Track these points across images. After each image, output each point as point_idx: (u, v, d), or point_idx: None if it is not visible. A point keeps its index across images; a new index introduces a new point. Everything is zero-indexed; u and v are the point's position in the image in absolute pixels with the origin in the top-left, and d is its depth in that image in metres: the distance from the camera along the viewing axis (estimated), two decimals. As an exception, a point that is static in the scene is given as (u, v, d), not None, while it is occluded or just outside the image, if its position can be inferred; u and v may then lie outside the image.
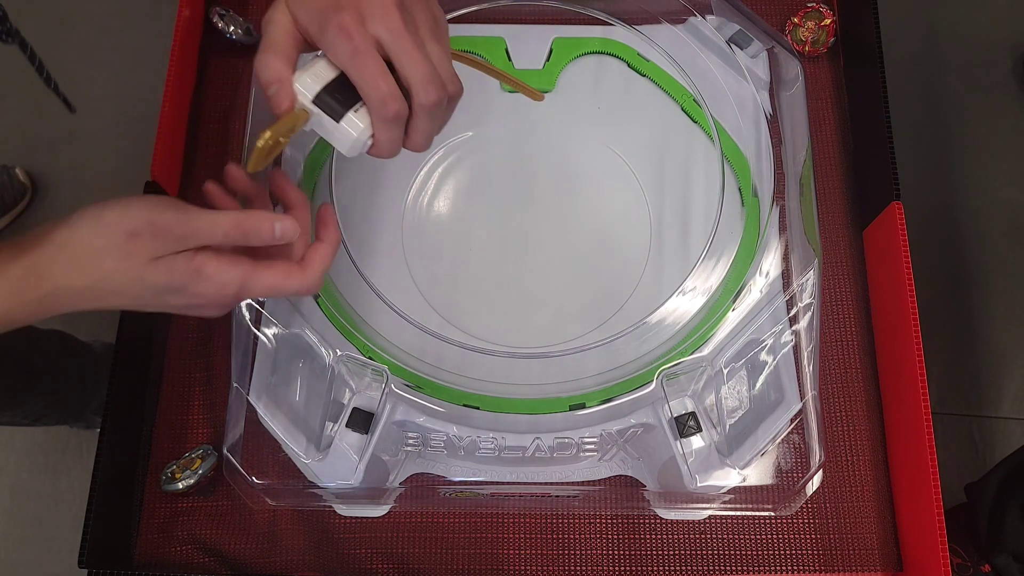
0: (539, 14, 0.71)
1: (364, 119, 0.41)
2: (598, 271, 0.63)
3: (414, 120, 0.42)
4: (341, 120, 0.41)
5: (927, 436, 0.59)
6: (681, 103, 0.67)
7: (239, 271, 0.41)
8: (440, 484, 0.62)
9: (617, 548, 0.63)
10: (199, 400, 0.67)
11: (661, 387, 0.56)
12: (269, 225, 0.42)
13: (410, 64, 0.39)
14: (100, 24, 1.46)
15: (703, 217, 0.63)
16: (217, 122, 0.75)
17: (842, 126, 0.75)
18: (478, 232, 0.64)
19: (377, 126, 0.41)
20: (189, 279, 0.40)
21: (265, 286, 0.42)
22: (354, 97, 0.41)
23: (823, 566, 0.63)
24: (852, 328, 0.69)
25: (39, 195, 1.36)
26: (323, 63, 0.41)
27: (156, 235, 0.39)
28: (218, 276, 0.41)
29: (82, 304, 0.40)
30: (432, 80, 0.40)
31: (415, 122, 0.42)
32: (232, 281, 0.41)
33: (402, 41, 0.39)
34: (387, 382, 0.56)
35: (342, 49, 0.39)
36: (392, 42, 0.39)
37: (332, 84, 0.41)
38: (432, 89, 0.40)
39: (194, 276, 0.40)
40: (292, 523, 0.63)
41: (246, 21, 0.76)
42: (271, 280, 0.42)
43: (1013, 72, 1.40)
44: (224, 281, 0.41)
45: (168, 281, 0.40)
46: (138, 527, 0.64)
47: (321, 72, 0.41)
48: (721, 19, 0.68)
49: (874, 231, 0.69)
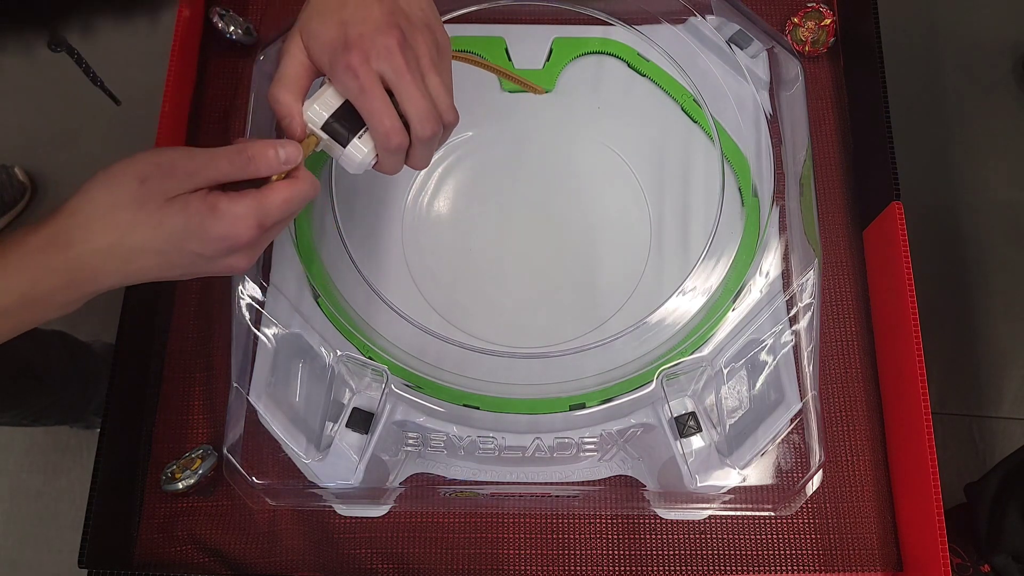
0: (539, 14, 0.71)
1: (368, 143, 0.46)
2: (598, 271, 0.63)
3: (413, 149, 0.46)
4: (347, 145, 0.46)
5: (927, 436, 0.59)
6: (681, 103, 0.67)
7: (249, 199, 0.42)
8: (440, 484, 0.62)
9: (617, 548, 0.63)
10: (199, 400, 0.67)
11: (661, 387, 0.56)
12: (273, 150, 0.43)
13: (409, 101, 0.44)
14: (100, 24, 1.46)
15: (703, 217, 0.63)
16: (217, 122, 0.75)
17: (842, 126, 0.75)
18: (478, 232, 0.64)
19: (380, 154, 0.46)
20: (205, 216, 0.40)
21: (280, 201, 0.43)
22: (359, 123, 0.45)
23: (823, 566, 0.63)
24: (852, 328, 0.69)
25: (39, 195, 1.36)
26: (331, 91, 0.45)
27: (165, 174, 0.40)
28: (231, 208, 0.41)
29: (110, 270, 0.40)
30: (429, 116, 0.44)
31: (414, 150, 0.47)
32: (246, 212, 0.41)
33: (402, 80, 0.43)
34: (387, 382, 0.56)
35: (350, 86, 0.43)
36: (394, 80, 0.43)
37: (339, 111, 0.45)
38: (428, 125, 0.44)
39: (209, 213, 0.40)
40: (292, 523, 0.63)
41: (246, 21, 0.76)
42: (282, 194, 0.43)
43: (1013, 72, 1.40)
44: (238, 213, 0.41)
45: (184, 221, 0.40)
46: (138, 527, 0.64)
47: (329, 100, 0.45)
48: (721, 19, 0.68)
49: (874, 231, 0.69)
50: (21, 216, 1.34)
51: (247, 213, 0.41)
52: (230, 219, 0.41)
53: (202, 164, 0.41)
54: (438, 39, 0.46)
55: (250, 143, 0.43)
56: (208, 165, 0.41)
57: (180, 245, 0.41)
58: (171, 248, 0.40)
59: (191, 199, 0.40)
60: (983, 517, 0.93)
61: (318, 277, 0.60)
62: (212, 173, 0.41)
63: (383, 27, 0.43)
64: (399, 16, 0.44)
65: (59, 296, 0.40)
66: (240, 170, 0.42)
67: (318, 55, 0.44)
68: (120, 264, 0.40)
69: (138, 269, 0.41)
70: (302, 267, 0.60)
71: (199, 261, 0.42)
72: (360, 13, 0.43)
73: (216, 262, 0.43)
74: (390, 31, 0.43)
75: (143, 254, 0.40)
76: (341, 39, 0.43)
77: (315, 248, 0.61)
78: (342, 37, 0.43)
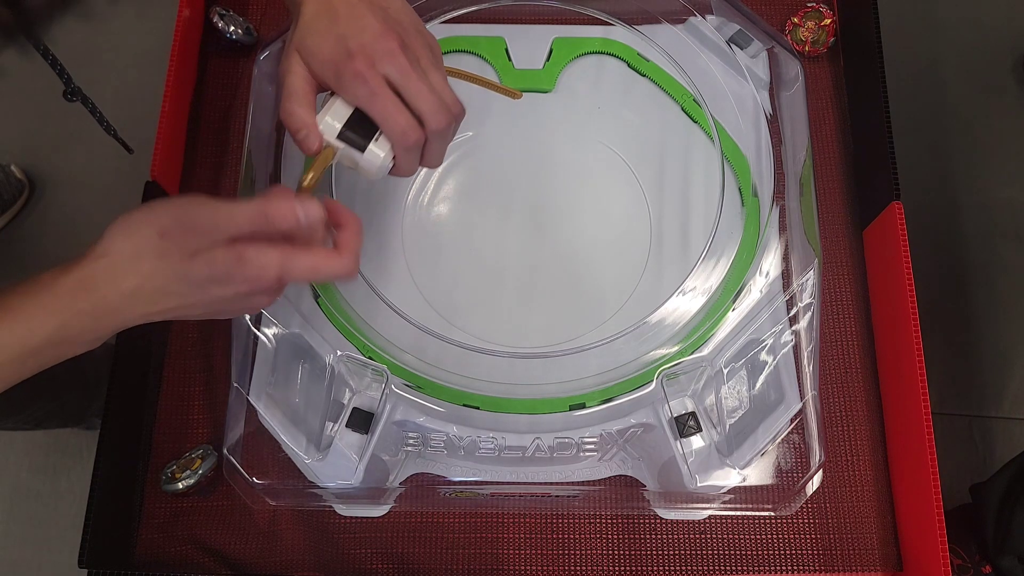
0: (539, 14, 0.71)
1: (384, 147, 0.47)
2: (598, 271, 0.63)
3: (428, 144, 0.48)
4: (365, 151, 0.46)
5: (927, 436, 0.59)
6: (681, 103, 0.67)
7: (278, 251, 0.42)
8: (440, 484, 0.62)
9: (617, 548, 0.63)
10: (199, 400, 0.67)
11: (661, 387, 0.56)
12: (291, 207, 0.43)
13: (419, 97, 0.45)
14: (100, 24, 1.46)
15: (703, 217, 0.63)
16: (217, 122, 0.75)
17: (842, 126, 0.75)
18: (478, 232, 0.64)
19: (399, 153, 0.47)
20: (231, 265, 0.41)
21: (305, 267, 0.43)
22: (371, 128, 0.46)
23: (823, 566, 0.63)
24: (852, 328, 0.69)
25: (39, 194, 1.36)
26: (339, 102, 0.46)
27: (186, 230, 0.40)
28: (258, 258, 0.42)
29: (134, 311, 0.41)
30: (440, 109, 0.46)
31: (429, 146, 0.48)
32: (272, 262, 0.42)
33: (409, 79, 0.45)
34: (387, 382, 0.56)
35: (360, 92, 0.45)
36: (401, 80, 0.45)
37: (349, 121, 0.46)
38: (441, 117, 0.46)
39: (236, 261, 0.41)
40: (292, 523, 0.63)
41: (246, 21, 0.76)
42: (310, 261, 0.43)
43: (1013, 72, 1.40)
44: (264, 263, 0.42)
45: (210, 272, 0.41)
46: (138, 527, 0.64)
47: (339, 111, 0.46)
48: (721, 19, 0.68)
49: (874, 231, 0.69)
50: (20, 215, 1.34)
51: (272, 263, 0.42)
52: (257, 266, 0.42)
53: (222, 219, 0.41)
54: (430, 42, 0.48)
55: (269, 201, 0.42)
56: (227, 221, 0.41)
57: (204, 290, 0.41)
58: (195, 293, 0.41)
59: (216, 251, 0.41)
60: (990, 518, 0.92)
61: (318, 277, 0.60)
62: (232, 230, 0.42)
63: (381, 34, 0.44)
64: (392, 23, 0.45)
65: (86, 335, 0.41)
66: (260, 227, 0.42)
67: (320, 70, 0.45)
68: (145, 306, 0.41)
69: (162, 310, 0.42)
70: (302, 267, 0.60)
71: (218, 303, 0.43)
72: (356, 25, 0.44)
73: (236, 303, 0.44)
74: (389, 36, 0.44)
75: (167, 296, 0.41)
76: (343, 51, 0.44)
77: (315, 248, 0.61)
78: (343, 49, 0.44)
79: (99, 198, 1.36)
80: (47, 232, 1.35)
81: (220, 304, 0.43)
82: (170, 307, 0.42)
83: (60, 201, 1.36)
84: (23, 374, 0.41)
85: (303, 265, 0.43)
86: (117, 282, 0.40)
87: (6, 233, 1.34)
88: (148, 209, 0.41)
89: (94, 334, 0.41)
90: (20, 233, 1.35)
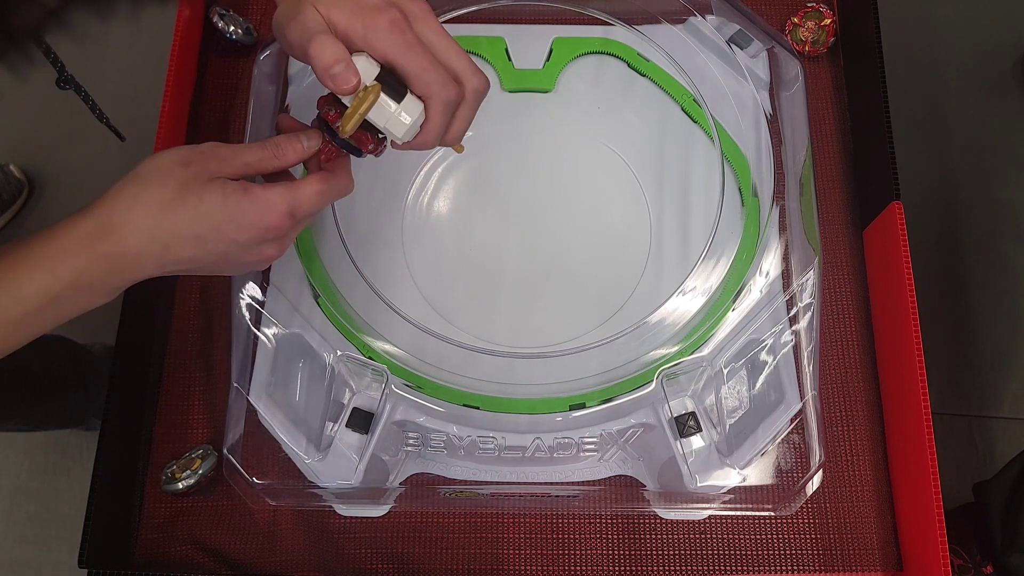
0: (539, 14, 0.71)
1: (419, 104, 0.43)
2: (598, 271, 0.63)
3: (463, 106, 0.45)
4: (403, 100, 0.42)
5: (927, 436, 0.59)
6: (681, 103, 0.67)
7: (282, 186, 0.44)
8: (440, 484, 0.62)
9: (617, 548, 0.63)
10: (199, 400, 0.67)
11: (661, 387, 0.56)
12: (296, 140, 0.45)
13: (457, 56, 0.44)
14: (100, 23, 1.46)
15: (703, 217, 0.63)
16: (217, 122, 0.75)
17: (842, 126, 0.75)
18: (478, 232, 0.64)
19: (435, 110, 0.43)
20: (240, 198, 0.42)
21: (311, 193, 0.44)
22: (400, 89, 0.42)
23: (823, 566, 0.63)
24: (852, 328, 0.69)
25: (39, 194, 1.36)
26: (365, 56, 0.42)
27: (207, 158, 0.42)
28: (265, 193, 0.43)
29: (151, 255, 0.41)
30: (476, 70, 0.45)
31: (463, 108, 0.45)
32: (280, 198, 0.43)
33: (444, 38, 0.44)
34: (387, 382, 0.56)
35: (395, 42, 0.41)
36: (437, 40, 0.43)
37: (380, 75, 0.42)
38: (479, 78, 0.45)
39: (244, 195, 0.42)
40: (292, 523, 0.63)
41: (246, 21, 0.76)
42: (314, 187, 0.44)
43: (1013, 72, 1.40)
44: (272, 199, 0.43)
45: (222, 201, 0.41)
46: (138, 527, 0.64)
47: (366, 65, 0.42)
48: (721, 19, 0.68)
49: (874, 231, 0.69)
50: (20, 214, 1.34)
51: (279, 199, 0.43)
52: (263, 203, 0.43)
53: (235, 151, 0.43)
54: None
55: (276, 137, 0.45)
56: (244, 151, 0.44)
57: (216, 229, 0.42)
58: (208, 232, 0.42)
59: (228, 183, 0.42)
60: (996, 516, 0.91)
61: (318, 277, 0.60)
62: (248, 157, 0.44)
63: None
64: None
65: (105, 282, 0.41)
66: (271, 156, 0.44)
67: (346, 21, 0.41)
68: (160, 249, 0.41)
69: (176, 257, 0.42)
70: (302, 267, 0.60)
71: (233, 249, 0.43)
72: None
73: (250, 250, 0.44)
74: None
75: (181, 239, 0.41)
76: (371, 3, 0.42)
77: (315, 248, 0.61)
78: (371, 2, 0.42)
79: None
80: (47, 232, 1.35)
81: (233, 251, 0.43)
82: (185, 254, 0.42)
83: (60, 201, 1.36)
84: (43, 326, 0.41)
85: (309, 190, 0.44)
86: (137, 222, 0.40)
87: (6, 233, 1.34)
88: (171, 149, 0.42)
89: (112, 281, 0.41)
90: (20, 233, 1.34)
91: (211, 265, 0.44)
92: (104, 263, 0.40)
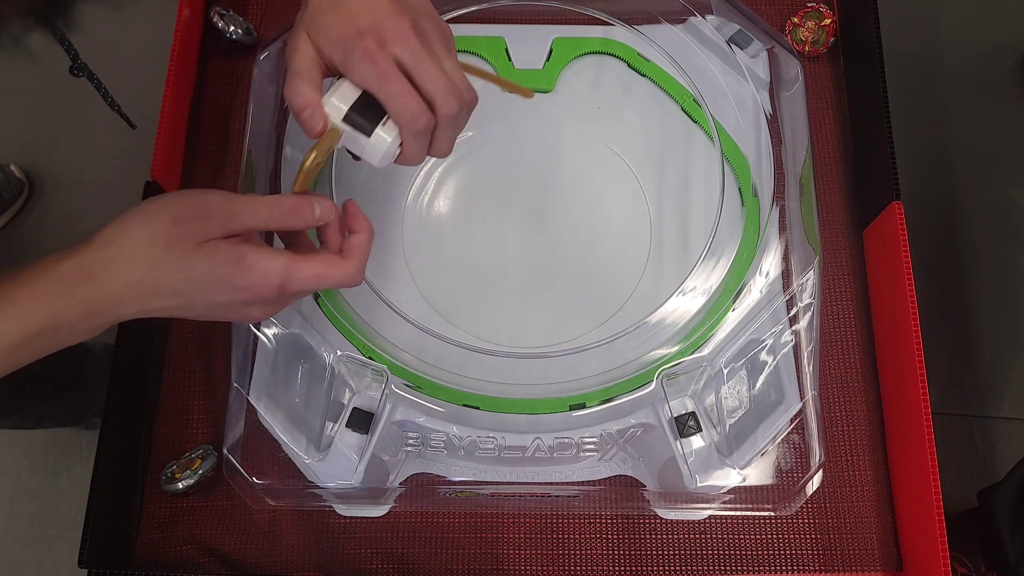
0: (539, 14, 0.71)
1: (392, 131, 0.45)
2: (598, 271, 0.63)
3: (438, 130, 0.45)
4: (372, 135, 0.44)
5: (927, 436, 0.59)
6: (681, 103, 0.67)
7: (281, 260, 0.42)
8: (440, 484, 0.62)
9: (617, 548, 0.63)
10: (199, 400, 0.67)
11: (661, 387, 0.56)
12: (308, 204, 0.44)
13: (431, 80, 0.43)
14: (100, 23, 1.46)
15: (703, 217, 0.63)
16: (217, 122, 0.75)
17: (842, 126, 0.75)
18: (478, 232, 0.64)
19: (407, 138, 0.45)
20: (232, 266, 0.41)
21: (309, 276, 0.43)
22: (379, 113, 0.44)
23: (823, 566, 0.63)
24: (852, 328, 0.69)
25: (38, 194, 1.36)
26: (346, 85, 0.44)
27: (201, 217, 0.40)
28: (260, 264, 0.41)
29: (131, 303, 0.40)
30: (452, 92, 0.44)
31: (439, 132, 0.46)
32: (274, 270, 0.42)
33: (421, 61, 0.43)
34: (387, 382, 0.56)
35: (369, 72, 0.43)
36: (412, 62, 0.43)
37: (357, 103, 0.44)
38: (453, 101, 0.44)
39: (237, 263, 0.41)
40: (292, 523, 0.63)
41: (246, 21, 0.76)
42: (314, 269, 0.43)
43: (1013, 72, 1.40)
44: (266, 270, 0.42)
45: (210, 268, 0.40)
46: (138, 527, 0.64)
47: (346, 93, 0.44)
48: (721, 19, 0.68)
49: (874, 231, 0.69)
50: (20, 214, 1.34)
51: (274, 271, 0.42)
52: (256, 274, 0.41)
53: (237, 211, 0.41)
54: (443, 28, 0.46)
55: (287, 197, 0.43)
56: (245, 212, 0.42)
57: (201, 290, 0.41)
58: (191, 291, 0.41)
59: (220, 246, 0.41)
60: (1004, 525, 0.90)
61: (318, 277, 0.60)
62: (249, 221, 0.42)
63: (393, 13, 0.43)
64: (405, 5, 0.44)
65: (83, 323, 0.40)
66: (277, 222, 0.43)
67: (329, 49, 0.44)
68: (141, 300, 0.40)
69: (157, 307, 0.41)
70: (302, 267, 0.60)
71: (215, 307, 0.43)
72: (367, 4, 0.43)
73: (233, 310, 0.43)
74: (401, 16, 0.43)
75: (164, 294, 0.41)
76: (353, 29, 0.43)
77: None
78: (353, 27, 0.43)
79: (99, 198, 1.36)
80: (47, 232, 1.35)
81: (215, 309, 0.43)
82: (166, 305, 0.41)
83: (60, 201, 1.36)
84: (21, 361, 0.41)
85: (306, 273, 0.43)
86: (120, 272, 0.39)
87: (6, 233, 1.34)
88: (169, 197, 0.41)
89: (91, 323, 0.41)
90: (20, 233, 1.35)
91: (191, 316, 0.43)
92: (83, 307, 0.40)
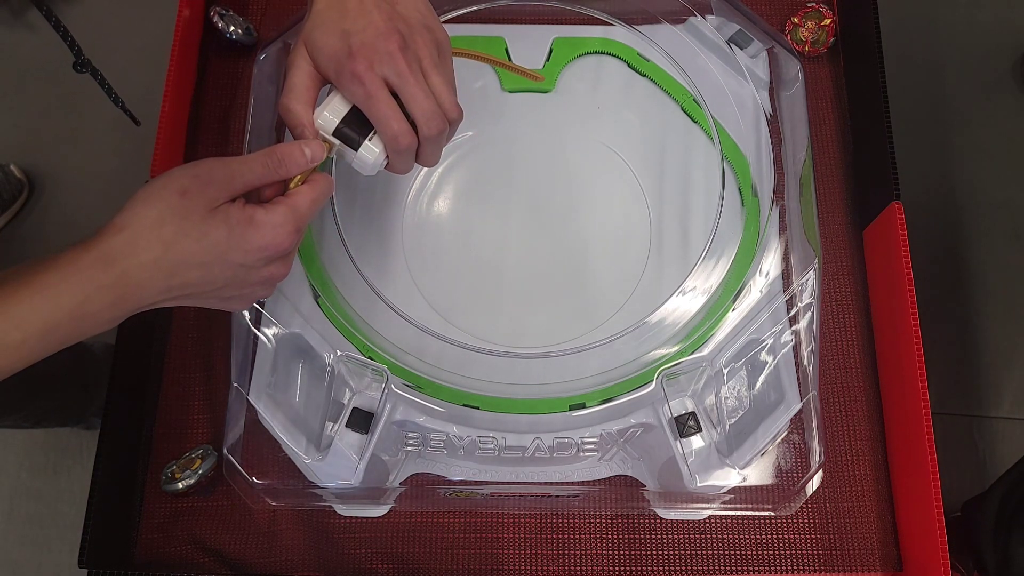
0: (539, 14, 0.71)
1: (379, 145, 0.47)
2: (598, 271, 0.63)
3: (422, 148, 0.48)
4: (359, 149, 0.47)
5: (927, 436, 0.59)
6: (681, 103, 0.67)
7: (281, 206, 0.44)
8: (440, 484, 0.62)
9: (617, 548, 0.63)
10: (199, 400, 0.67)
11: (661, 387, 0.56)
12: (298, 149, 0.45)
13: (414, 103, 0.45)
14: (100, 23, 1.46)
15: (703, 217, 0.63)
16: (217, 122, 0.75)
17: (842, 126, 0.75)
18: (478, 232, 0.64)
19: (391, 155, 0.48)
20: (246, 226, 0.42)
21: (308, 203, 0.45)
22: (368, 125, 0.47)
23: (823, 566, 0.63)
24: (852, 328, 0.69)
25: (38, 194, 1.36)
26: (339, 97, 0.47)
27: (204, 184, 0.41)
28: (270, 217, 0.43)
29: (155, 285, 0.41)
30: (434, 115, 0.46)
31: (423, 149, 0.48)
32: (283, 219, 0.44)
33: (406, 83, 0.45)
34: (387, 382, 0.56)
35: (357, 93, 0.45)
36: (398, 83, 0.45)
37: (348, 116, 0.47)
38: (434, 124, 0.46)
39: (250, 223, 0.42)
40: (292, 523, 0.63)
41: (246, 21, 0.76)
42: (309, 196, 0.45)
43: (1013, 72, 1.40)
44: (277, 220, 0.43)
45: (228, 232, 0.41)
46: (138, 527, 0.64)
47: (337, 106, 0.47)
48: (721, 19, 0.68)
49: (874, 231, 0.69)
50: (20, 214, 1.34)
51: (284, 220, 0.44)
52: (270, 228, 0.43)
53: (236, 170, 0.43)
54: (438, 38, 0.47)
55: (278, 146, 0.45)
56: (243, 170, 0.43)
57: (223, 256, 0.42)
58: (214, 259, 0.42)
59: (231, 210, 0.42)
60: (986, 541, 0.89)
61: (318, 277, 0.60)
62: (248, 177, 0.43)
63: (384, 33, 0.44)
64: (398, 21, 0.45)
65: (107, 312, 0.41)
66: (273, 171, 0.45)
67: (324, 65, 0.46)
68: (165, 278, 0.41)
69: (182, 283, 0.41)
70: (302, 267, 0.60)
71: (240, 272, 0.43)
72: (360, 22, 0.44)
73: (257, 271, 0.44)
74: (390, 36, 0.44)
75: (187, 267, 0.41)
76: (345, 48, 0.44)
77: (315, 248, 0.61)
78: (345, 47, 0.44)
79: (99, 198, 1.36)
80: (47, 232, 1.35)
81: (240, 274, 0.43)
82: (190, 280, 0.42)
83: (60, 201, 1.36)
84: (46, 350, 0.41)
85: (306, 202, 0.45)
86: (138, 254, 0.40)
87: (6, 233, 1.34)
88: (167, 175, 0.42)
89: (116, 310, 0.41)
90: (20, 233, 1.34)
91: (217, 289, 0.43)
92: (107, 293, 0.40)
